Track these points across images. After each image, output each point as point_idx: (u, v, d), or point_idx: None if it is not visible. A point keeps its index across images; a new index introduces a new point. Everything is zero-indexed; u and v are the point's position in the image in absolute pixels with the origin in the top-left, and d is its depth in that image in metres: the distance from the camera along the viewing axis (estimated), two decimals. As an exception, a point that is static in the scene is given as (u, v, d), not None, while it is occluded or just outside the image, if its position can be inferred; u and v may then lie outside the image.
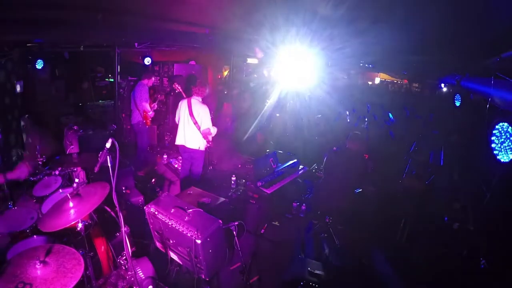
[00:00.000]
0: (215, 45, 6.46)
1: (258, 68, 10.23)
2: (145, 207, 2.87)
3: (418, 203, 4.48)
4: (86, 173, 3.65)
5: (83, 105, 7.24)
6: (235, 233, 2.93)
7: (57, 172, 3.37)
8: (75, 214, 2.22)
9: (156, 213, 2.76)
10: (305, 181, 5.74)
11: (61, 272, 1.82)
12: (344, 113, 7.88)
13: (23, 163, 2.84)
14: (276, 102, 7.92)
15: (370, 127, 7.20)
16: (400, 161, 5.85)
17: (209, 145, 4.86)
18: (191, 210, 2.70)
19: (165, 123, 7.48)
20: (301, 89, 9.15)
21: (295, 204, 4.94)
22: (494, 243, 3.46)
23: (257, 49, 5.51)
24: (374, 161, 5.58)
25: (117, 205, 2.21)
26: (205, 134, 4.66)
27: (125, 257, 2.79)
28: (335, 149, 4.77)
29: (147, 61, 7.18)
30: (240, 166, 6.24)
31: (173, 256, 2.93)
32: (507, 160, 3.06)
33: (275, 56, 5.23)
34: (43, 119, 5.92)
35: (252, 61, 9.96)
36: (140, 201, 4.15)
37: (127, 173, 4.46)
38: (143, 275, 2.87)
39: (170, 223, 2.65)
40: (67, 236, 2.88)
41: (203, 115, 4.59)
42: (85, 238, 2.43)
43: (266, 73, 9.88)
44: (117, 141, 2.23)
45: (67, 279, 1.79)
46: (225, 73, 9.69)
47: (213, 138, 4.86)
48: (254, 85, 9.82)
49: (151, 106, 5.97)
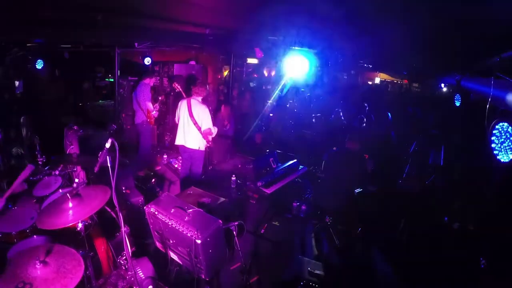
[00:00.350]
0: (215, 45, 6.47)
1: (258, 68, 10.23)
2: (145, 207, 2.86)
3: (418, 203, 4.48)
4: (86, 173, 3.65)
5: (83, 105, 7.24)
6: (235, 233, 2.93)
7: (57, 172, 3.37)
8: (74, 215, 2.22)
9: (156, 213, 2.76)
10: (305, 181, 5.74)
11: (61, 273, 1.82)
12: (339, 111, 7.90)
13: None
14: (276, 102, 7.93)
15: (370, 127, 7.19)
16: (400, 161, 5.85)
17: (208, 145, 4.86)
18: (191, 210, 2.69)
19: (165, 123, 7.48)
20: (301, 89, 9.16)
21: (295, 204, 4.93)
22: (494, 243, 3.46)
23: (257, 49, 5.51)
24: (374, 161, 5.59)
25: (117, 205, 2.21)
26: (205, 134, 4.66)
27: (125, 257, 2.79)
28: (335, 149, 4.77)
29: (147, 61, 7.17)
30: (240, 166, 6.24)
31: (173, 256, 2.92)
32: (507, 160, 3.05)
33: (275, 56, 5.23)
34: (43, 119, 5.92)
35: (252, 61, 9.96)
36: (140, 201, 4.14)
37: (127, 173, 4.46)
38: (143, 275, 2.86)
39: (170, 223, 2.64)
40: (67, 236, 2.88)
41: (203, 115, 4.59)
42: (85, 238, 2.43)
43: (266, 73, 9.88)
44: (117, 141, 2.23)
45: (67, 280, 1.79)
46: (225, 73, 9.69)
47: (213, 138, 4.86)
48: (254, 85, 9.83)
49: (154, 107, 6.00)
